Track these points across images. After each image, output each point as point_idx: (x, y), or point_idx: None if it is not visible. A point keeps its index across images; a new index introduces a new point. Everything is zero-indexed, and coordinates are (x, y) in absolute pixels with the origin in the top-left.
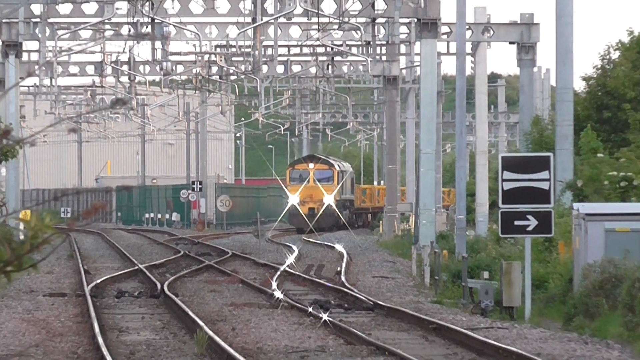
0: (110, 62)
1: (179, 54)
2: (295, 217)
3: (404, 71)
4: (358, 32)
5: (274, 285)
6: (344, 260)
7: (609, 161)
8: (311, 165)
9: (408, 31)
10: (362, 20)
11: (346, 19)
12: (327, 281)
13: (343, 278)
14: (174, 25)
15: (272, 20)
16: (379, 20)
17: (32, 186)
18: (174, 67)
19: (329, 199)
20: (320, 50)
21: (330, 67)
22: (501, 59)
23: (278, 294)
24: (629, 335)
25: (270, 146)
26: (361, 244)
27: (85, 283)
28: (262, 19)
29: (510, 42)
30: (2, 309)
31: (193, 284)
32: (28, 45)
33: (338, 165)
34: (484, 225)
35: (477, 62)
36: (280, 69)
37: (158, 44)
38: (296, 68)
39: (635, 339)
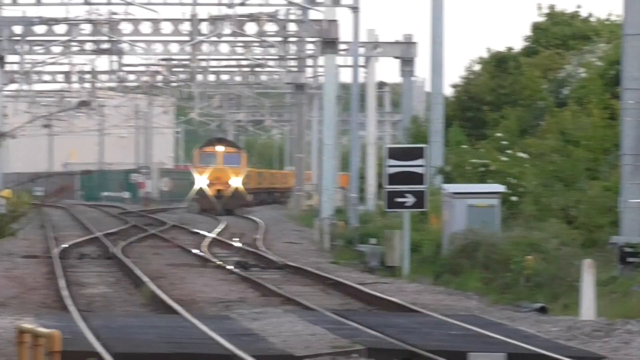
0: (76, 71)
1: (131, 65)
2: (203, 198)
3: (310, 80)
4: (274, 48)
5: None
6: (261, 229)
7: (471, 151)
8: (219, 148)
9: (314, 48)
10: (278, 39)
11: (265, 38)
12: (247, 246)
13: (260, 243)
14: (127, 43)
15: (206, 39)
16: (291, 39)
17: (12, 170)
18: (127, 76)
19: (237, 182)
20: (244, 63)
21: (252, 76)
22: (387, 70)
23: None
24: (484, 288)
25: (205, 139)
26: (275, 216)
27: (54, 247)
28: (197, 38)
29: (395, 57)
30: None
31: (140, 248)
32: (10, 58)
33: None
34: (372, 201)
35: (368, 72)
36: (211, 77)
37: (114, 58)
38: (224, 77)
39: (489, 292)
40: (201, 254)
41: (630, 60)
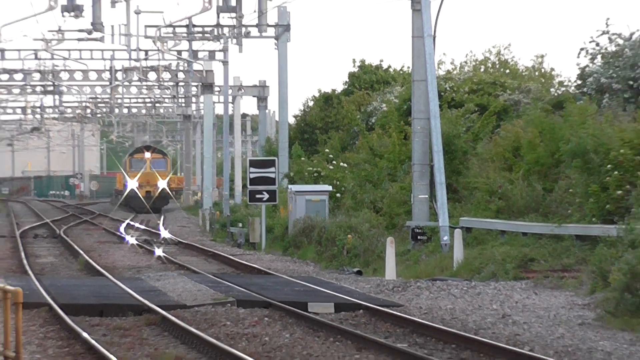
0: (30, 107)
1: (68, 102)
2: (134, 199)
3: (194, 112)
4: (168, 90)
5: (124, 232)
6: (161, 217)
7: (308, 162)
8: (147, 154)
9: (196, 90)
10: (171, 83)
11: (162, 83)
12: (152, 229)
13: (161, 226)
14: (65, 86)
15: (120, 84)
16: (181, 83)
17: None
18: (65, 110)
19: (163, 184)
20: (148, 100)
21: (153, 109)
22: (249, 105)
23: (129, 239)
24: (318, 258)
25: (121, 154)
26: (170, 207)
27: (16, 229)
28: (115, 83)
29: (254, 96)
30: None
31: (77, 230)
32: None
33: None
34: (239, 197)
35: (235, 106)
36: (125, 110)
37: (57, 97)
38: (134, 110)
39: (321, 260)
40: (120, 234)
41: (417, 98)
